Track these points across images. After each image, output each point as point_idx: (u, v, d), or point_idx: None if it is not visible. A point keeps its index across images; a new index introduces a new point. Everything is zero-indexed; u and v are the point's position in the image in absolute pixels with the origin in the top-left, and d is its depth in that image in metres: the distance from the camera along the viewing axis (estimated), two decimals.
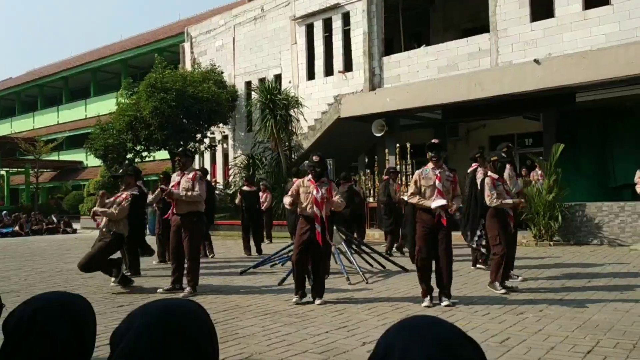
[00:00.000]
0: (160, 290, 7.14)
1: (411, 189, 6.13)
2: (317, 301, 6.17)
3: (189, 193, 6.84)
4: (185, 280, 7.05)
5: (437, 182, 5.96)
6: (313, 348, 4.34)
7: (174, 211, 6.97)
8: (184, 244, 6.92)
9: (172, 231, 7.03)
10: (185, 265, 7.01)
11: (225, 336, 4.76)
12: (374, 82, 17.14)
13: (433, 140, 6.21)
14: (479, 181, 8.26)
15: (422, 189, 6.03)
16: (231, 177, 20.28)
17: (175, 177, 7.10)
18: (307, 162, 6.66)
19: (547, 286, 7.03)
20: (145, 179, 25.24)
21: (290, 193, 6.44)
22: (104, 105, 30.43)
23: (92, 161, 28.87)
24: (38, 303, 1.26)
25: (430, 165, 6.12)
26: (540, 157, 13.34)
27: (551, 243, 11.79)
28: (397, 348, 0.89)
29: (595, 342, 4.29)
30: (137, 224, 9.05)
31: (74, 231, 21.27)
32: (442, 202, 5.87)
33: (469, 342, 0.90)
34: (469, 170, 8.82)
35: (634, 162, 13.61)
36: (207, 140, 21.26)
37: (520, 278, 7.41)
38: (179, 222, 6.93)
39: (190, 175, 6.95)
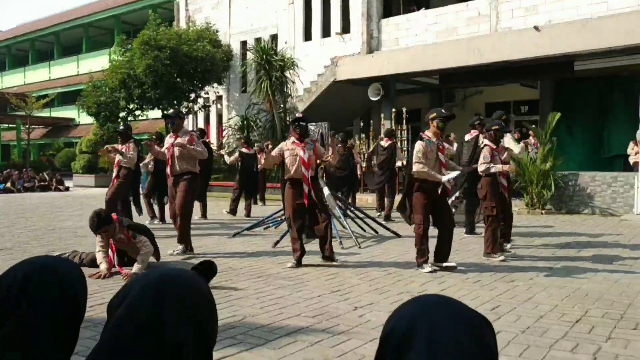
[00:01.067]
0: (170, 251, 6.91)
1: (421, 160, 5.92)
2: (337, 260, 6.32)
3: (196, 148, 6.78)
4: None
5: (440, 155, 5.95)
6: (305, 311, 4.38)
7: (169, 172, 6.92)
8: (177, 199, 6.87)
9: (170, 195, 7.01)
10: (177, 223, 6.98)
11: (218, 298, 4.79)
12: (372, 44, 16.90)
13: (443, 111, 6.14)
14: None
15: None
16: (225, 139, 20.16)
17: (168, 140, 7.01)
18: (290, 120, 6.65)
19: (538, 255, 7.10)
20: (138, 137, 25.10)
21: (274, 153, 6.36)
22: (97, 62, 29.97)
23: (85, 118, 28.60)
24: (28, 267, 1.24)
25: (432, 136, 6.06)
26: (533, 125, 13.31)
27: (543, 211, 11.89)
28: (422, 327, 0.87)
29: (584, 312, 4.36)
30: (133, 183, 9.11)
31: (67, 189, 21.19)
32: (453, 174, 5.93)
33: (486, 323, 0.90)
34: (467, 138, 8.77)
35: (628, 133, 13.63)
36: (200, 100, 21.04)
37: (509, 246, 7.44)
38: (173, 183, 6.89)
39: (187, 138, 6.87)
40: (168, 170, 6.93)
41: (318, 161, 6.57)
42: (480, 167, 6.71)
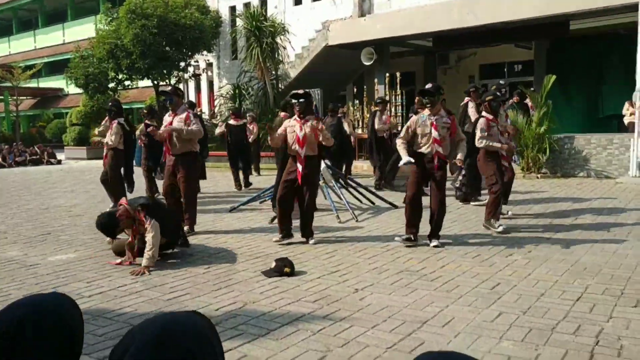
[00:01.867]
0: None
1: (402, 133, 5.98)
2: (311, 241, 6.26)
3: (189, 128, 6.66)
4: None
5: (433, 130, 5.83)
6: (306, 296, 4.36)
7: (169, 152, 6.81)
8: (180, 185, 6.80)
9: (167, 171, 6.92)
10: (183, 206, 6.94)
11: (218, 282, 4.78)
12: (364, 7, 16.56)
13: (427, 86, 5.99)
14: (472, 117, 8.16)
15: (418, 137, 5.89)
16: (217, 108, 19.92)
17: (167, 118, 6.87)
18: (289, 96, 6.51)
19: (535, 223, 7.11)
20: (128, 106, 24.80)
21: (278, 132, 6.26)
22: (83, 30, 29.32)
23: (73, 89, 28.16)
24: (24, 310, 1.20)
25: (427, 111, 5.95)
26: (532, 89, 13.17)
27: (538, 175, 11.88)
28: None
29: (584, 288, 4.36)
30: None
31: (59, 162, 21.03)
32: (407, 160, 5.78)
33: None
34: (461, 104, 8.70)
35: (623, 93, 13.52)
36: (191, 69, 20.69)
37: (510, 213, 7.53)
38: (174, 163, 6.80)
39: (184, 115, 6.73)
40: (165, 148, 6.84)
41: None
42: (478, 143, 6.63)
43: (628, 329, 3.52)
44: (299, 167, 6.16)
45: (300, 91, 6.45)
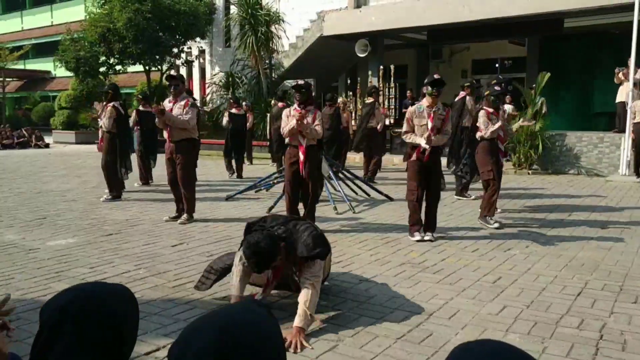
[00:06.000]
0: (165, 218, 7.10)
1: (405, 127, 6.01)
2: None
3: (182, 118, 6.67)
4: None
5: (429, 122, 5.87)
6: None
7: (170, 139, 6.81)
8: (178, 172, 6.82)
9: (166, 159, 6.92)
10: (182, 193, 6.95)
11: None
12: None
13: (435, 76, 5.99)
14: (472, 111, 8.23)
15: (415, 128, 5.91)
16: (209, 96, 19.79)
17: (167, 104, 6.83)
18: (290, 86, 6.53)
19: (530, 218, 7.21)
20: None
21: (288, 124, 6.21)
22: (71, 12, 28.92)
23: (61, 72, 27.77)
24: (71, 295, 1.22)
25: (425, 102, 5.98)
26: (530, 87, 13.27)
27: (529, 172, 12.01)
28: None
29: (584, 284, 4.45)
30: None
31: (47, 145, 20.78)
32: (423, 143, 5.80)
33: None
34: (456, 99, 8.77)
35: (614, 91, 13.67)
36: (183, 55, 20.52)
37: (498, 209, 7.55)
38: (173, 149, 6.80)
39: (183, 102, 6.72)
40: (166, 135, 6.82)
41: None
42: (487, 135, 6.62)
43: (630, 324, 3.60)
44: (301, 157, 6.18)
45: (301, 81, 6.49)
